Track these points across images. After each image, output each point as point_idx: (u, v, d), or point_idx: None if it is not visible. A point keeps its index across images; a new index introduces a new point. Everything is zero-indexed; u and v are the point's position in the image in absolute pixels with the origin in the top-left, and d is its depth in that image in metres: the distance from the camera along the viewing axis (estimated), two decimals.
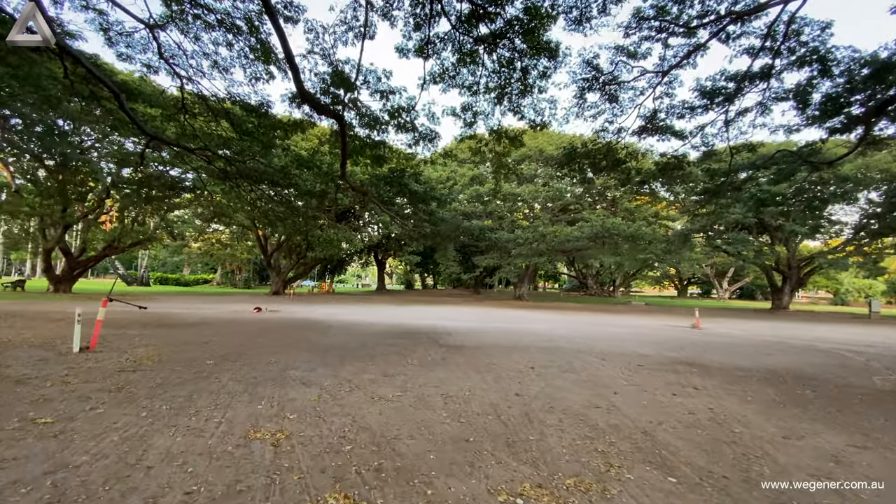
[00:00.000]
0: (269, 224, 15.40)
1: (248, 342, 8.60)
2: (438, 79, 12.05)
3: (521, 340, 10.25)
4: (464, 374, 6.11)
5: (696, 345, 10.70)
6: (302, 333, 10.32)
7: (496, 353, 8.29)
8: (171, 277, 52.30)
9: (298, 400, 4.44)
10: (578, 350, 9.08)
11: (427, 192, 13.42)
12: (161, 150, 13.95)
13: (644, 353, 9.07)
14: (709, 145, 11.69)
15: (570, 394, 5.19)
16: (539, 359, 7.78)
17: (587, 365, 7.35)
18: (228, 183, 15.29)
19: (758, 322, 19.68)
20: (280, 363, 6.47)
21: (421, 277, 58.55)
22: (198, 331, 10.27)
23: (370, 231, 40.50)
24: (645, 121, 11.87)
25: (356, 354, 7.51)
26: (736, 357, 9.03)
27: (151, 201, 17.67)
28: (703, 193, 12.23)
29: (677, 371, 7.10)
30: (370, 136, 12.77)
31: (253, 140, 13.53)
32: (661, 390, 5.59)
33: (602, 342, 10.51)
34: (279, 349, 7.81)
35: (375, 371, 6.11)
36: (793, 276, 29.81)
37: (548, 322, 15.82)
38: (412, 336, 10.48)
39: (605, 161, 11.88)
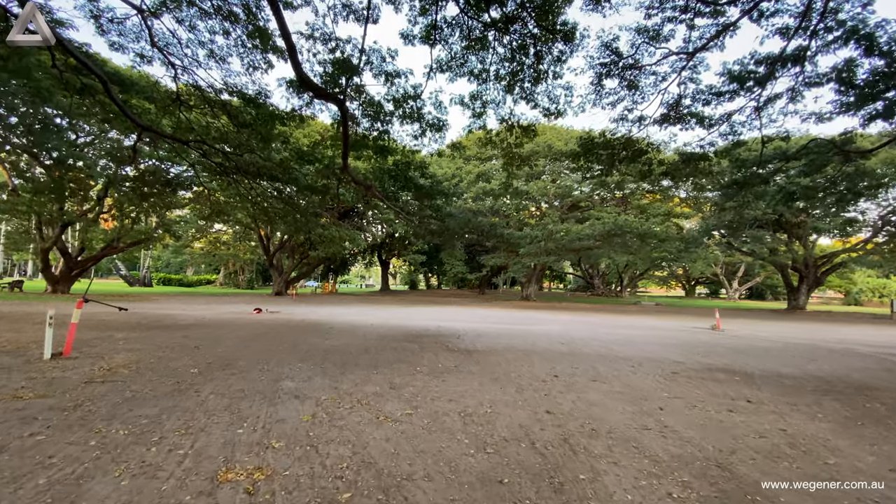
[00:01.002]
0: (268, 222, 14.72)
1: (242, 347, 7.87)
2: (445, 67, 11.32)
3: (537, 344, 9.48)
4: (480, 385, 5.36)
5: (725, 348, 9.89)
6: (301, 337, 9.60)
7: (512, 358, 7.53)
8: (174, 278, 51.84)
9: (288, 421, 3.69)
10: (601, 355, 8.30)
11: (434, 187, 12.67)
12: (156, 144, 13.31)
13: (673, 357, 8.29)
14: (736, 134, 10.87)
15: (608, 410, 4.42)
16: (561, 365, 7.01)
17: (616, 372, 6.58)
18: (226, 178, 14.61)
19: (778, 323, 18.80)
20: (273, 371, 5.73)
21: (425, 277, 57.79)
22: (190, 334, 9.57)
23: (374, 230, 39.85)
24: (668, 108, 11.07)
25: (358, 361, 6.77)
26: (774, 363, 8.23)
27: (148, 199, 17.06)
28: (730, 185, 11.42)
29: (718, 380, 6.31)
30: (374, 126, 12.06)
31: (251, 132, 12.85)
32: (711, 404, 4.81)
33: (623, 346, 9.73)
34: (274, 355, 7.08)
35: (380, 381, 5.37)
36: (810, 275, 28.84)
37: (560, 323, 15.03)
38: (419, 339, 9.73)
39: (625, 151, 11.08)
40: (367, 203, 13.93)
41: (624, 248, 21.80)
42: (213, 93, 12.66)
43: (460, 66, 11.30)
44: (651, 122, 11.42)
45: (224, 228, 43.68)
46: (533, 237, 21.01)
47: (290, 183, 13.03)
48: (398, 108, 11.84)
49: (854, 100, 10.72)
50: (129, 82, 13.82)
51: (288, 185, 13.31)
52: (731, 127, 10.96)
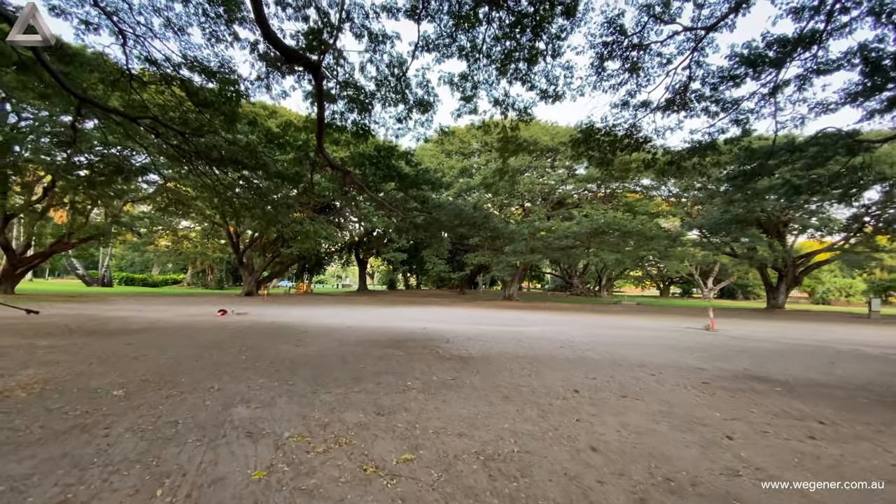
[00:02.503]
0: (234, 214, 13.24)
1: (193, 357, 6.54)
2: (433, 46, 10.20)
3: (536, 349, 8.46)
4: (491, 407, 4.26)
5: (734, 350, 9.12)
6: (268, 343, 8.29)
7: (516, 367, 6.47)
8: (138, 278, 48.78)
9: (230, 481, 2.49)
10: (612, 361, 7.34)
11: (419, 175, 11.50)
12: (103, 124, 11.66)
13: (689, 362, 7.41)
14: (744, 123, 10.16)
15: (666, 442, 3.39)
16: (575, 376, 5.99)
17: (639, 383, 5.60)
18: (185, 165, 13.05)
19: (765, 322, 18.42)
20: (224, 392, 4.48)
21: (404, 277, 56.38)
22: (136, 340, 8.13)
23: (351, 228, 38.26)
24: (674, 93, 10.25)
25: (335, 374, 5.57)
26: (796, 367, 7.47)
27: (95, 186, 15.20)
28: (736, 177, 10.76)
29: (757, 391, 5.41)
30: (352, 107, 10.81)
31: (213, 112, 11.40)
32: (782, 428, 3.85)
33: (629, 348, 8.83)
34: (230, 367, 5.80)
35: (363, 403, 4.20)
36: (788, 274, 29.02)
37: (550, 324, 14.10)
38: (405, 344, 8.57)
39: (629, 139, 10.23)
40: (346, 195, 12.63)
41: (612, 246, 21.13)
42: (171, 67, 11.19)
43: (448, 45, 10.20)
44: (655, 109, 10.59)
45: (191, 225, 41.30)
46: (528, 231, 19.99)
47: (259, 169, 11.63)
48: (380, 88, 10.65)
49: (864, 88, 10.17)
50: (71, 53, 12.15)
51: (256, 173, 11.91)
52: (740, 115, 10.23)
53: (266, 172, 11.68)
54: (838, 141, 10.64)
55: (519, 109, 10.67)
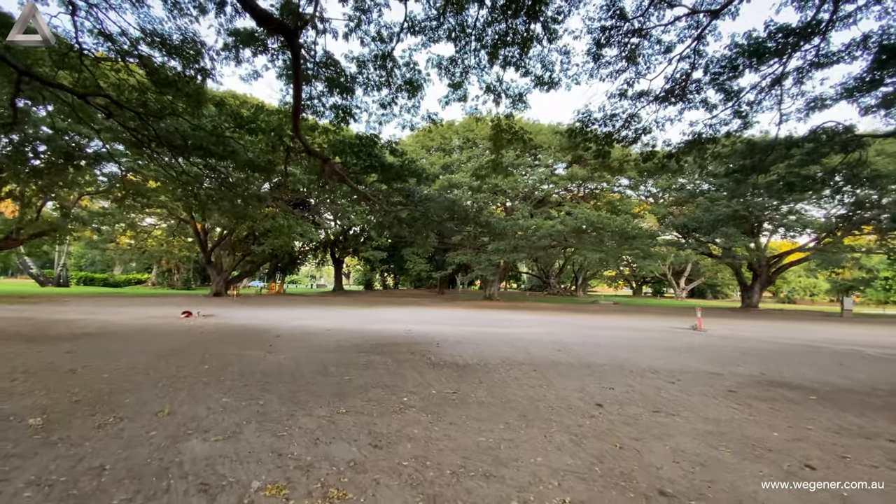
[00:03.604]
0: (199, 207, 12.02)
1: (144, 369, 5.54)
2: (419, 28, 9.45)
3: (533, 353, 7.77)
4: (510, 430, 3.51)
5: (740, 353, 8.69)
6: (235, 349, 7.30)
7: (521, 376, 5.75)
8: (98, 277, 45.80)
9: None
10: (619, 366, 6.73)
11: (405, 166, 10.59)
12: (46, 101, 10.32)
13: (700, 367, 6.87)
14: (744, 115, 9.80)
15: (744, 478, 2.71)
16: (589, 386, 5.32)
17: (663, 394, 4.97)
18: (145, 152, 11.79)
19: (746, 322, 18.37)
20: (178, 416, 3.57)
21: (381, 277, 55.11)
22: (79, 348, 7.02)
23: (327, 226, 36.90)
24: (674, 83, 9.77)
25: (316, 390, 4.70)
26: (812, 370, 7.06)
27: (41, 175, 13.62)
28: (735, 172, 10.42)
29: (794, 401, 4.87)
30: (333, 91, 9.88)
31: (175, 92, 10.25)
32: (853, 451, 3.25)
33: (629, 352, 8.26)
34: (189, 382, 4.85)
35: (355, 430, 3.37)
36: (762, 273, 29.52)
37: (537, 326, 13.48)
38: (391, 349, 7.73)
39: (627, 131, 9.71)
40: (324, 187, 11.65)
41: (595, 245, 20.78)
42: (128, 42, 10.03)
43: (435, 28, 9.45)
44: (654, 99, 10.09)
45: (156, 223, 39.08)
46: (517, 228, 19.27)
47: (227, 158, 10.54)
48: (363, 69, 9.77)
49: (861, 83, 9.96)
50: (11, 24, 10.75)
51: (223, 162, 10.80)
52: (740, 107, 9.85)
53: (235, 161, 10.59)
54: (834, 137, 10.42)
55: (512, 97, 9.98)
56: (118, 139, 11.54)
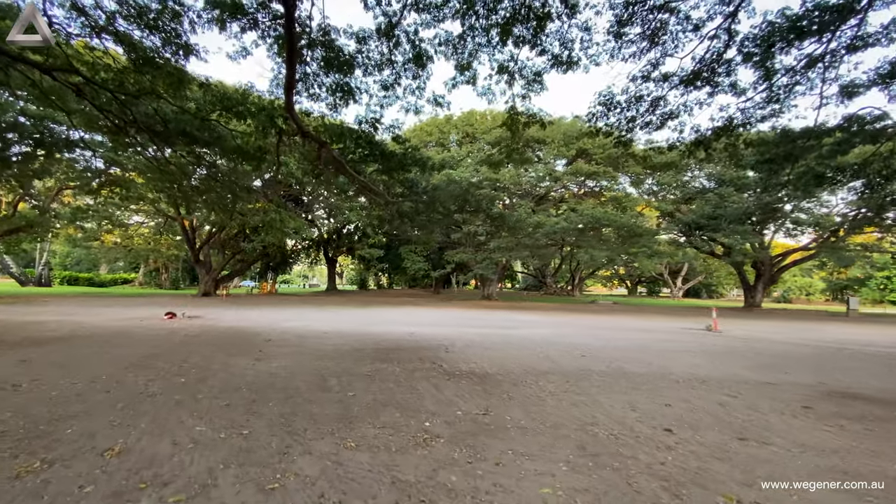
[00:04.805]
0: (184, 199, 11.02)
1: (106, 384, 4.60)
2: (423, 5, 8.61)
3: (555, 359, 6.93)
4: (575, 472, 2.65)
5: (777, 357, 7.93)
6: (219, 356, 6.37)
7: (554, 390, 4.90)
8: (83, 277, 44.16)
9: None
10: (662, 376, 5.90)
11: (408, 155, 9.66)
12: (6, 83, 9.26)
13: (750, 376, 6.06)
14: (778, 100, 9.03)
15: None
16: (640, 401, 4.48)
17: (733, 413, 4.15)
18: (123, 139, 10.77)
19: (756, 322, 17.68)
20: (128, 459, 2.66)
21: (375, 276, 54.01)
22: (37, 356, 6.05)
23: (320, 224, 35.81)
24: (702, 64, 8.98)
25: (314, 411, 3.80)
26: (866, 376, 6.45)
27: (9, 165, 12.47)
28: (768, 161, 9.68)
29: (883, 419, 4.08)
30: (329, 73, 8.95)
31: (155, 71, 9.27)
32: None
33: (658, 357, 7.45)
34: (157, 402, 3.93)
35: (371, 478, 2.50)
36: (765, 272, 29.01)
37: (545, 327, 12.65)
38: (397, 356, 6.85)
39: (651, 115, 8.91)
40: (318, 178, 10.70)
41: (600, 242, 20.02)
42: (103, 16, 9.07)
43: (440, 6, 8.63)
44: (680, 83, 9.28)
45: (143, 220, 37.75)
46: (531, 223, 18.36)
47: (213, 145, 9.58)
48: (364, 44, 8.85)
49: None
50: None
51: (209, 149, 9.83)
52: (772, 93, 9.08)
53: (222, 148, 9.63)
54: (865, 125, 9.71)
55: (527, 78, 9.13)
56: (93, 125, 10.52)
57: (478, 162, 19.16)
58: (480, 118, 27.49)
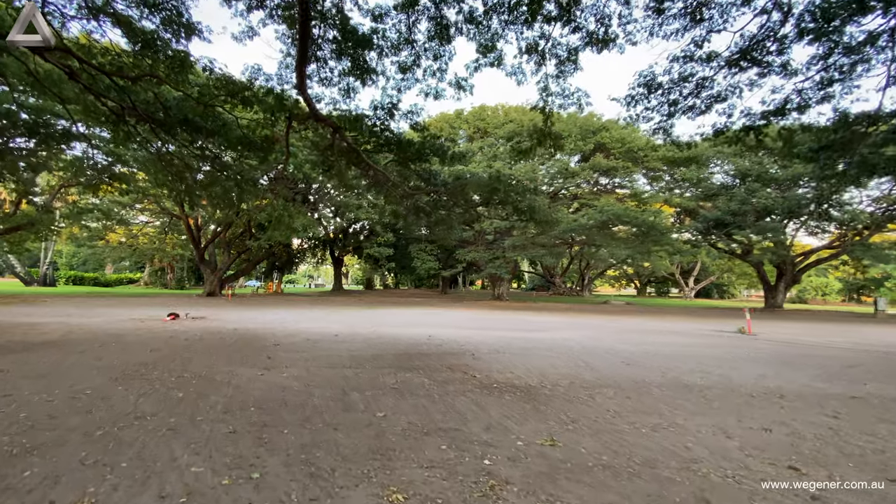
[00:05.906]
0: (186, 192, 10.36)
1: (89, 400, 3.87)
2: None
3: (599, 369, 6.14)
4: None
5: (836, 363, 7.07)
6: (223, 365, 5.64)
7: (618, 409, 4.12)
8: (88, 276, 43.76)
9: None
10: (731, 389, 5.11)
11: (426, 143, 8.85)
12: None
13: (832, 389, 5.24)
14: (830, 83, 8.21)
15: None
16: (728, 423, 3.70)
17: (848, 438, 3.37)
18: (122, 129, 10.09)
19: (784, 324, 16.69)
20: None
21: (381, 276, 53.36)
22: (16, 365, 5.35)
23: (325, 224, 35.15)
24: (750, 42, 8.15)
25: (340, 441, 3.05)
26: None
27: (3, 156, 11.84)
28: (822, 149, 8.85)
29: None
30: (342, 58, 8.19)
31: (155, 55, 8.58)
32: None
33: (714, 366, 6.62)
34: (147, 426, 3.19)
35: None
36: (788, 272, 28.00)
37: (570, 329, 11.85)
38: (422, 364, 6.09)
39: (696, 98, 8.12)
40: (328, 171, 9.98)
41: (622, 241, 19.19)
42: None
43: None
44: (725, 64, 8.46)
45: (149, 219, 37.30)
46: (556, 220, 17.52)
47: (217, 134, 8.90)
48: (381, 22, 8.10)
49: None
50: None
51: (213, 139, 9.15)
52: (827, 74, 8.24)
53: (226, 137, 8.92)
54: None
55: (560, 58, 8.33)
56: (90, 114, 9.84)
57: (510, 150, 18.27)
58: (493, 113, 26.69)
